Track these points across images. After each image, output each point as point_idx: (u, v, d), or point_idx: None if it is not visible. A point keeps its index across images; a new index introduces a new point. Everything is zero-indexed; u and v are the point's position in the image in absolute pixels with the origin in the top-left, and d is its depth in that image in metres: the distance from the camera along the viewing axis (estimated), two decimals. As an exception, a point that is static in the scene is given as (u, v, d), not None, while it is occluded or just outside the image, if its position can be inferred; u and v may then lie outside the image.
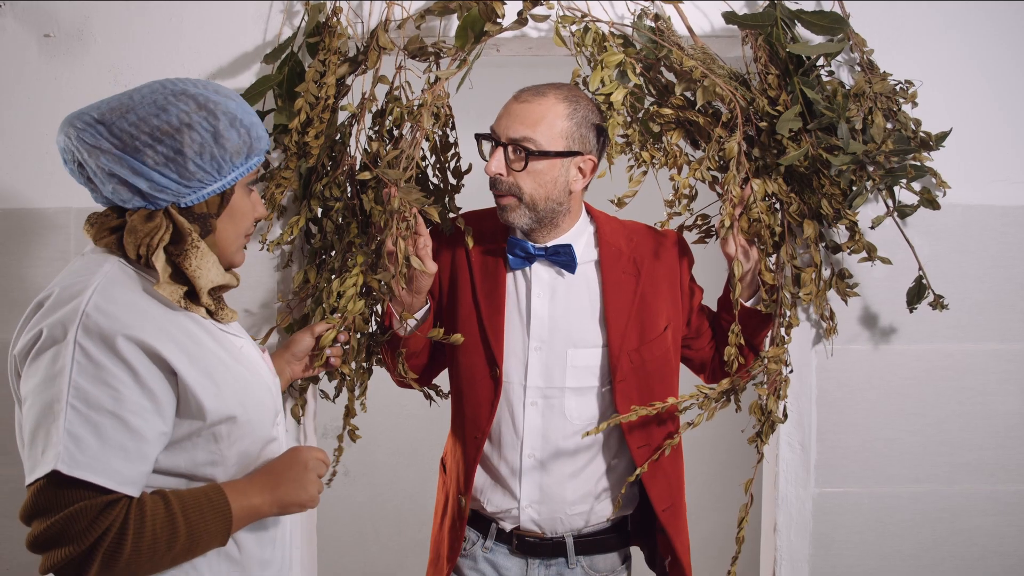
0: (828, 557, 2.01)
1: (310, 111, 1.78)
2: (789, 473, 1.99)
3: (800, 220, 1.82)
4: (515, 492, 1.82)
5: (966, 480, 2.01)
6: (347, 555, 3.56)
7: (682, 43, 1.80)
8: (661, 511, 1.83)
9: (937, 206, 1.88)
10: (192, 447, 1.30)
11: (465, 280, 1.84)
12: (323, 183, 1.83)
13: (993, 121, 1.98)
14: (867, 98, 1.80)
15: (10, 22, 1.91)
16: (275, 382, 1.51)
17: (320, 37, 1.81)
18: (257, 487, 1.34)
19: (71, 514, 1.17)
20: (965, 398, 2.00)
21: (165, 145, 1.26)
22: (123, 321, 1.22)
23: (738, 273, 1.76)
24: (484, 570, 1.88)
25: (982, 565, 2.03)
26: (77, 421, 1.18)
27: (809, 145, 1.75)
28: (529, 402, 1.80)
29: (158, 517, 1.22)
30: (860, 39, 1.88)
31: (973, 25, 1.97)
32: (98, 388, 1.19)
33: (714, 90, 1.74)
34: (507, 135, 1.71)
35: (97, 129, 1.26)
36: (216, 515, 1.27)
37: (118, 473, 1.19)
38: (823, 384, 1.99)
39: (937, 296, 1.89)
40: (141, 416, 1.21)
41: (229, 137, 1.30)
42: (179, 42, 1.93)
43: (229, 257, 1.41)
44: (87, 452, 1.17)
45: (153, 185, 1.27)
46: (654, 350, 1.80)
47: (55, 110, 1.92)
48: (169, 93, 1.28)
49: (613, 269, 1.81)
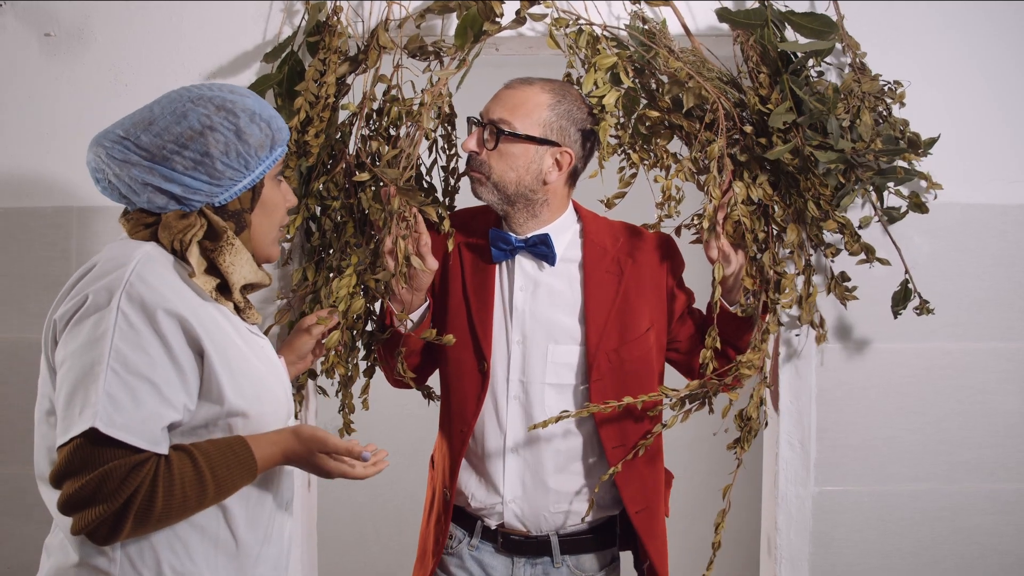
0: (828, 556, 2.01)
1: (309, 110, 1.78)
2: (789, 472, 1.99)
3: (784, 226, 1.82)
4: (498, 487, 1.83)
5: (966, 479, 2.01)
6: (347, 555, 3.56)
7: (674, 45, 1.80)
8: (634, 513, 1.83)
9: (925, 209, 1.88)
10: (208, 435, 1.34)
11: (456, 275, 1.86)
12: (320, 182, 1.83)
13: (993, 120, 1.98)
14: (855, 96, 1.80)
15: (11, 21, 1.92)
16: (289, 385, 1.54)
17: (320, 36, 1.82)
18: (280, 449, 1.38)
19: (104, 473, 1.21)
20: (965, 397, 2.00)
21: (191, 150, 1.32)
22: (163, 295, 1.27)
23: (718, 276, 1.76)
24: (471, 568, 1.88)
25: (981, 563, 2.03)
26: (116, 383, 1.23)
27: (798, 139, 1.74)
28: (512, 396, 1.82)
29: (187, 476, 1.27)
30: (853, 42, 1.88)
31: (973, 24, 1.97)
32: (137, 354, 1.24)
33: (700, 92, 1.74)
34: (488, 116, 1.77)
35: (125, 144, 1.32)
36: (242, 468, 1.32)
37: (151, 435, 1.24)
38: (823, 383, 1.98)
39: (923, 300, 1.89)
40: (170, 385, 1.27)
41: (251, 132, 1.35)
42: (179, 41, 1.93)
43: (265, 250, 1.46)
44: (124, 413, 1.22)
45: (186, 189, 1.33)
46: (634, 351, 1.81)
47: (55, 109, 1.93)
48: (187, 100, 1.34)
49: (596, 267, 1.83)
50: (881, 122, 1.84)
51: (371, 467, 1.42)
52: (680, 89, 1.75)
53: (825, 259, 1.91)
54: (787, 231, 1.81)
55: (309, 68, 1.79)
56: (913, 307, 1.90)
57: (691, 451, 3.45)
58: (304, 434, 1.37)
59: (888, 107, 1.86)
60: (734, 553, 3.43)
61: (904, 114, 1.89)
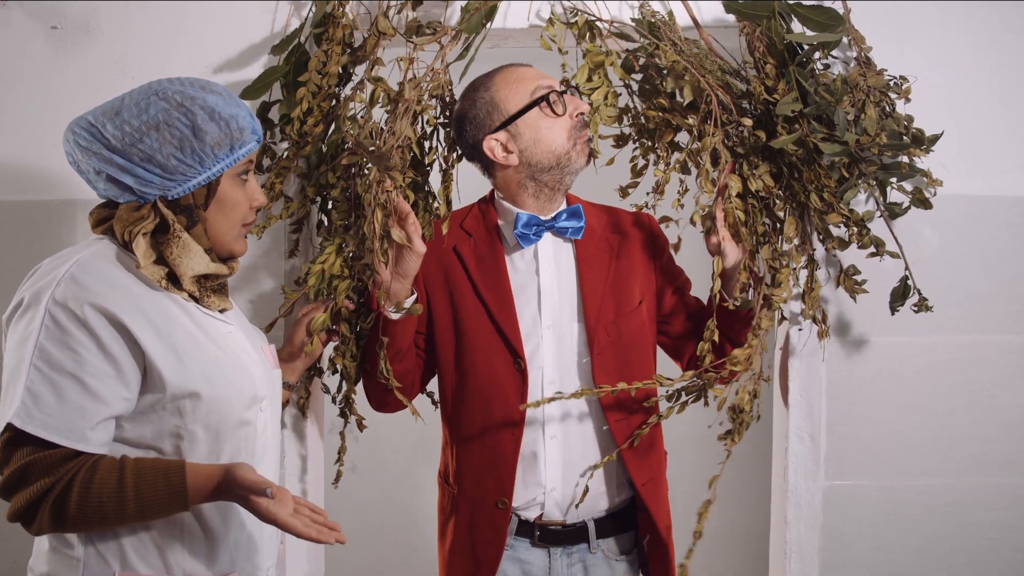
0: (838, 550, 2.00)
1: (311, 100, 1.78)
2: (799, 466, 1.98)
3: (782, 220, 1.81)
4: (540, 478, 1.81)
5: (976, 473, 2.00)
6: (354, 552, 3.55)
7: (679, 37, 1.80)
8: (641, 485, 1.83)
9: (929, 205, 1.87)
10: (158, 419, 1.36)
11: (462, 280, 1.83)
12: (320, 171, 1.83)
13: (1002, 112, 1.97)
14: (860, 90, 1.79)
15: (17, 14, 1.92)
16: (266, 372, 1.53)
17: (325, 28, 1.81)
18: (214, 484, 1.33)
19: (25, 465, 1.27)
20: (975, 390, 1.99)
21: (146, 144, 1.35)
22: (93, 291, 1.31)
23: (717, 269, 1.76)
24: (507, 569, 1.84)
25: (992, 558, 2.02)
26: (38, 380, 1.28)
27: (804, 131, 1.74)
28: (547, 381, 1.80)
29: (107, 485, 1.29)
30: (859, 35, 1.87)
31: (980, 17, 1.96)
32: (61, 351, 1.28)
33: (696, 84, 1.74)
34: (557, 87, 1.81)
35: (91, 131, 1.36)
36: (171, 494, 1.31)
37: (73, 431, 1.28)
38: (832, 376, 1.98)
39: (922, 298, 1.88)
40: (101, 380, 1.30)
41: (208, 130, 1.36)
42: (186, 34, 1.93)
43: (227, 246, 1.47)
44: (44, 410, 1.27)
45: (139, 181, 1.36)
46: (630, 323, 1.82)
47: (62, 103, 1.93)
48: (152, 93, 1.38)
49: (587, 245, 1.85)
50: (885, 117, 1.83)
51: (311, 529, 1.31)
52: (680, 83, 1.76)
53: (830, 253, 1.90)
54: (785, 224, 1.80)
55: (313, 59, 1.79)
56: (912, 304, 1.89)
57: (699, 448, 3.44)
58: (231, 473, 1.32)
59: (892, 102, 1.85)
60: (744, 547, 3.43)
61: (910, 107, 1.88)
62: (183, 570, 1.39)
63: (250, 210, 1.48)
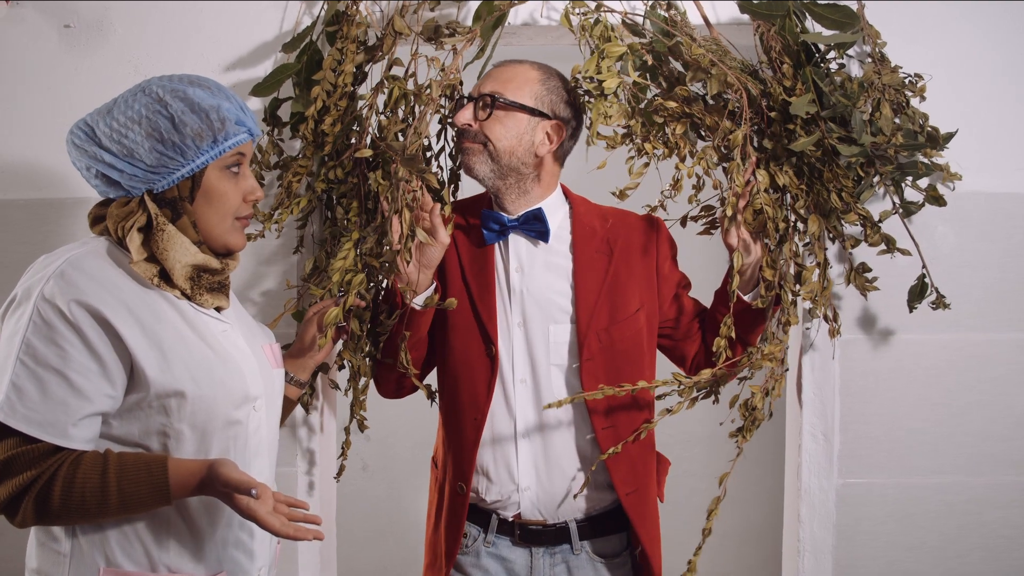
0: (852, 548, 1.99)
1: (326, 99, 1.78)
2: (812, 464, 1.97)
3: (805, 217, 1.80)
4: (513, 475, 1.81)
5: (991, 471, 1.99)
6: (365, 550, 3.56)
7: (694, 34, 1.79)
8: (624, 495, 1.82)
9: (943, 203, 1.86)
10: (144, 417, 1.37)
11: (453, 263, 1.85)
12: (327, 167, 1.83)
13: (1017, 109, 1.95)
14: (875, 89, 1.78)
15: (30, 13, 1.92)
16: (263, 371, 1.52)
17: (339, 26, 1.81)
18: (197, 480, 1.33)
19: (10, 457, 1.29)
20: (989, 388, 1.98)
21: (129, 139, 1.37)
22: (80, 288, 1.32)
23: (738, 266, 1.75)
24: (488, 566, 1.86)
25: (1008, 557, 2.00)
26: (23, 375, 1.29)
27: (821, 132, 1.73)
28: (519, 379, 1.81)
29: (90, 478, 1.30)
30: (874, 31, 1.86)
31: (997, 13, 1.95)
32: (47, 347, 1.30)
33: (724, 79, 1.73)
34: (479, 91, 1.78)
35: (85, 131, 1.40)
36: (152, 489, 1.32)
37: (55, 427, 1.30)
38: (846, 374, 1.97)
39: (939, 295, 1.87)
40: (86, 376, 1.31)
41: (187, 122, 1.37)
42: (198, 32, 1.93)
43: (219, 239, 1.47)
44: (27, 404, 1.29)
45: (124, 175, 1.38)
46: (624, 331, 1.81)
47: (74, 101, 1.93)
48: (138, 90, 1.40)
49: (585, 247, 1.84)
50: (900, 114, 1.82)
51: (288, 528, 1.31)
52: (704, 76, 1.74)
53: (844, 250, 1.90)
54: (808, 222, 1.79)
55: (327, 57, 1.79)
56: (929, 302, 1.88)
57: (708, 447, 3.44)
58: (214, 469, 1.32)
59: (907, 100, 1.84)
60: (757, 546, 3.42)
61: (926, 104, 1.87)
62: (168, 567, 1.39)
63: (244, 203, 1.48)
